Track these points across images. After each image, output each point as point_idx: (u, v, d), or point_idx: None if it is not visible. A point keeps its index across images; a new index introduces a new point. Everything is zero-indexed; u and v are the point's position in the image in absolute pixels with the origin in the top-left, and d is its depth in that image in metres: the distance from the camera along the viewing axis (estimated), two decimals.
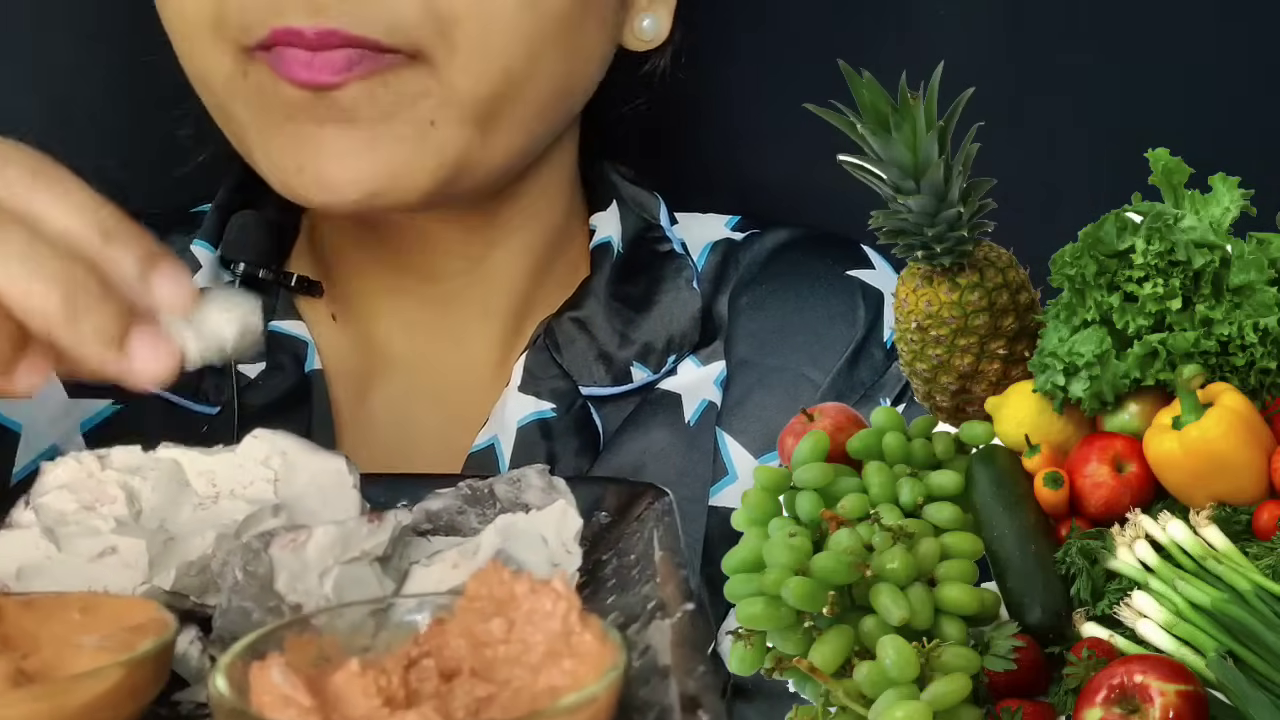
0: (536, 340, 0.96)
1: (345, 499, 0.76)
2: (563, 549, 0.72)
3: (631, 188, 1.01)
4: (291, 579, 0.68)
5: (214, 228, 1.00)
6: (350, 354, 1.00)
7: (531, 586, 0.60)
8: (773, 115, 1.10)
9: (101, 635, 0.63)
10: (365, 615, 0.62)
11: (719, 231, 1.03)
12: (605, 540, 0.77)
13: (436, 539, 0.75)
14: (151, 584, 0.71)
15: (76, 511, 0.74)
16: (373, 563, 0.70)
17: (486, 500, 0.77)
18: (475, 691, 0.58)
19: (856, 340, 0.97)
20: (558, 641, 0.59)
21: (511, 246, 0.97)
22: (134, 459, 0.77)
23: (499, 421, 0.94)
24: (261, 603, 0.67)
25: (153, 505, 0.75)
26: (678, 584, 0.67)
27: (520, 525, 0.72)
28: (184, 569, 0.71)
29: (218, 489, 0.77)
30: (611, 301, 0.96)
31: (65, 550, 0.72)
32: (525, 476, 0.77)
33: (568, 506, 0.73)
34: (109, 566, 0.71)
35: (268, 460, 0.77)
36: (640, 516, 0.77)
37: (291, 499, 0.76)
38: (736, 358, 0.97)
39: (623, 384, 0.95)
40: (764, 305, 0.99)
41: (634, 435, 0.95)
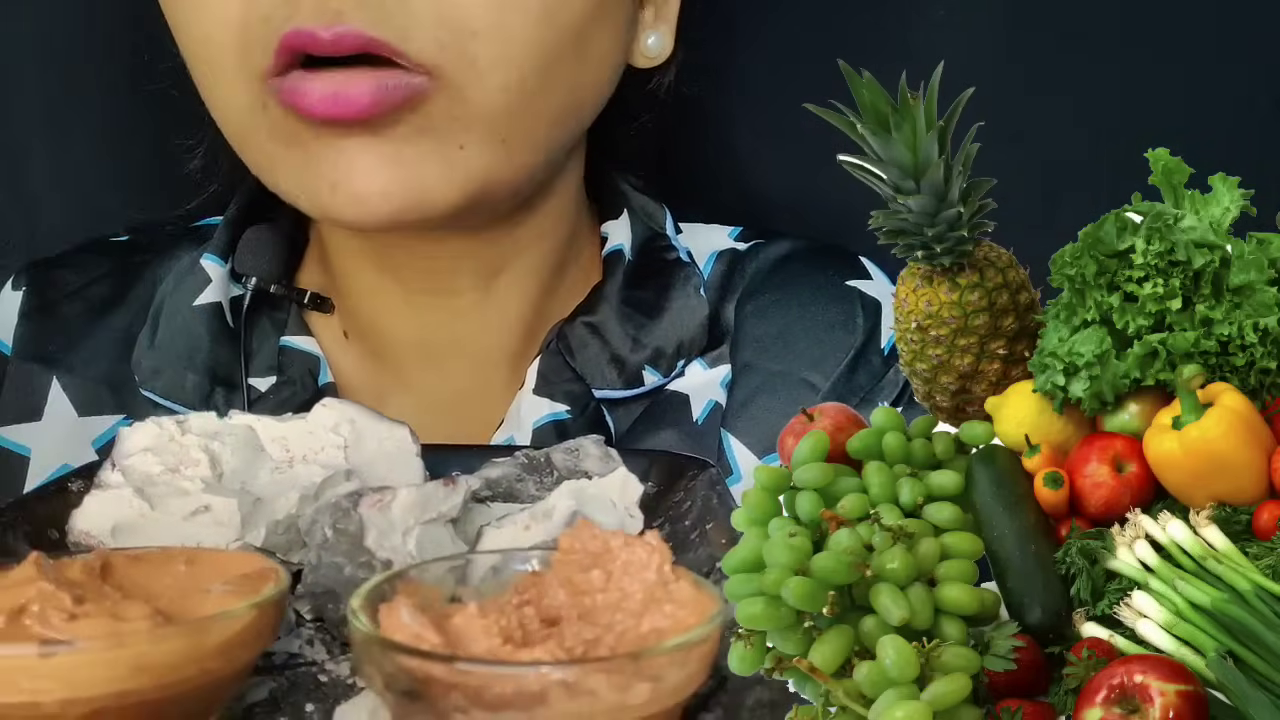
0: (549, 344, 0.97)
1: (409, 465, 0.81)
2: (626, 514, 0.77)
3: (640, 197, 1.03)
4: (380, 536, 0.72)
5: (225, 242, 1.01)
6: (362, 368, 1.00)
7: (625, 540, 0.64)
8: (771, 125, 1.11)
9: (223, 581, 0.66)
10: (449, 570, 0.66)
11: (723, 241, 1.05)
12: (656, 509, 0.80)
13: (496, 505, 0.79)
14: (244, 540, 0.75)
15: (163, 473, 0.78)
16: (447, 524, 0.74)
17: (544, 468, 0.81)
18: (583, 634, 0.61)
19: (856, 347, 1.00)
20: (656, 589, 0.62)
21: (523, 260, 0.99)
22: (211, 424, 0.81)
23: (515, 423, 0.96)
24: (353, 558, 0.71)
25: (233, 468, 0.79)
26: None
27: (589, 490, 0.77)
28: (272, 528, 0.75)
29: (291, 454, 0.81)
30: (623, 307, 0.98)
31: (158, 509, 0.76)
32: (583, 446, 0.82)
33: (628, 473, 0.78)
34: (202, 524, 0.75)
35: (337, 427, 0.82)
36: (688, 487, 0.80)
37: (361, 464, 0.80)
38: (741, 362, 0.99)
39: (635, 387, 0.97)
40: (767, 313, 1.02)
41: (645, 434, 0.98)
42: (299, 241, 1.03)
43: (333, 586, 0.71)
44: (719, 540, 0.73)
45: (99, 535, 0.75)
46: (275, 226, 1.01)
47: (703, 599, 0.62)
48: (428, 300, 0.99)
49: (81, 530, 0.76)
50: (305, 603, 0.72)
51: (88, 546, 0.74)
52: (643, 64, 0.98)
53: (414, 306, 0.99)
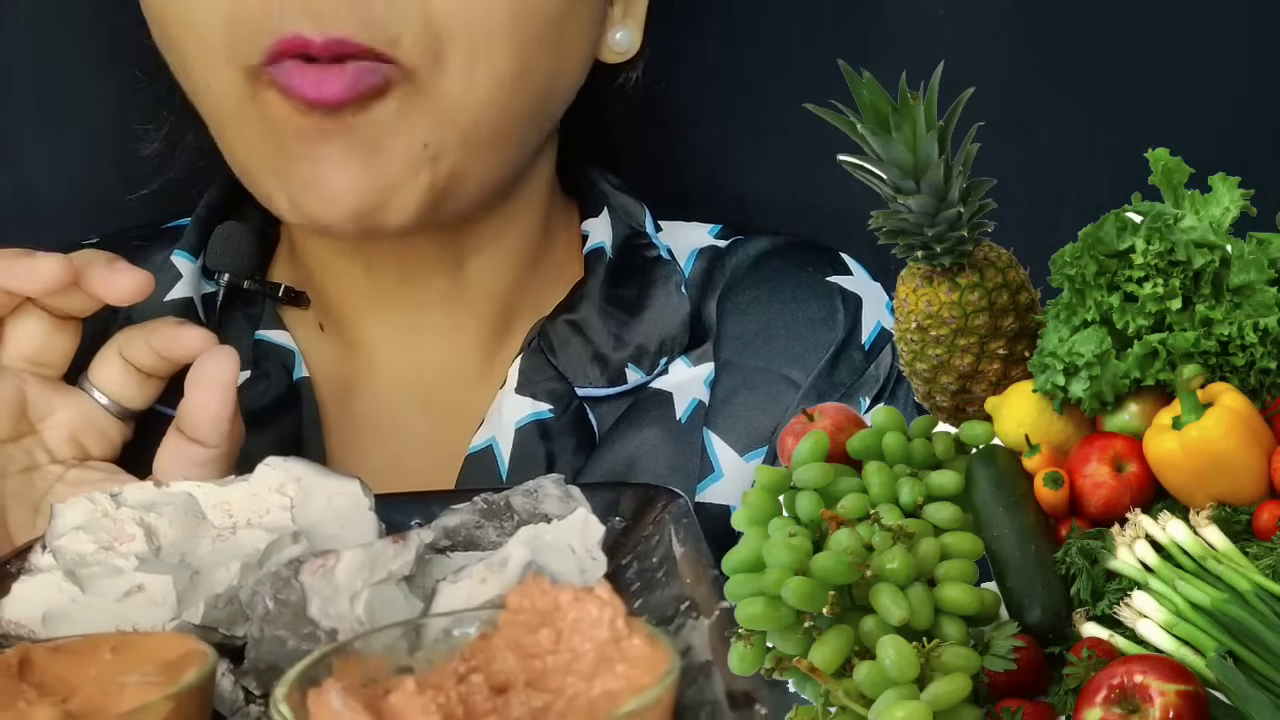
0: (530, 343, 0.97)
1: (362, 521, 0.77)
2: (588, 556, 0.73)
3: (620, 195, 1.04)
4: (324, 604, 0.68)
5: (195, 238, 1.01)
6: (336, 361, 1.00)
7: (575, 595, 0.61)
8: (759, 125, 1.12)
9: (141, 672, 0.63)
10: (402, 635, 0.63)
11: (703, 239, 1.06)
12: (624, 545, 0.77)
13: (457, 555, 0.75)
14: (181, 619, 0.71)
15: (96, 552, 0.74)
16: (400, 583, 0.70)
17: (504, 513, 0.77)
18: (531, 702, 0.59)
19: (836, 343, 1.00)
20: (608, 648, 0.59)
21: (491, 252, 0.99)
22: (148, 495, 0.77)
23: (496, 423, 0.95)
24: (296, 630, 0.67)
25: (171, 540, 0.75)
26: (709, 584, 0.68)
27: (546, 536, 0.73)
28: (211, 602, 0.71)
29: (234, 519, 0.77)
30: (605, 305, 0.98)
31: (90, 592, 0.72)
32: (541, 487, 0.77)
33: (588, 514, 0.74)
34: (136, 605, 0.72)
35: (282, 487, 0.78)
36: (656, 520, 0.77)
37: (309, 525, 0.76)
38: (722, 359, 1.00)
39: (618, 385, 0.97)
40: (748, 309, 1.02)
41: (627, 433, 0.97)
42: (270, 237, 1.03)
43: (276, 662, 0.67)
44: (686, 578, 0.71)
45: (29, 624, 0.71)
46: (246, 222, 1.01)
47: (656, 655, 0.59)
48: (394, 288, 0.99)
49: (10, 620, 0.72)
50: (251, 679, 0.68)
51: (18, 637, 0.71)
52: (611, 59, 0.99)
53: (383, 295, 0.99)
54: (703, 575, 0.69)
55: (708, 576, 0.68)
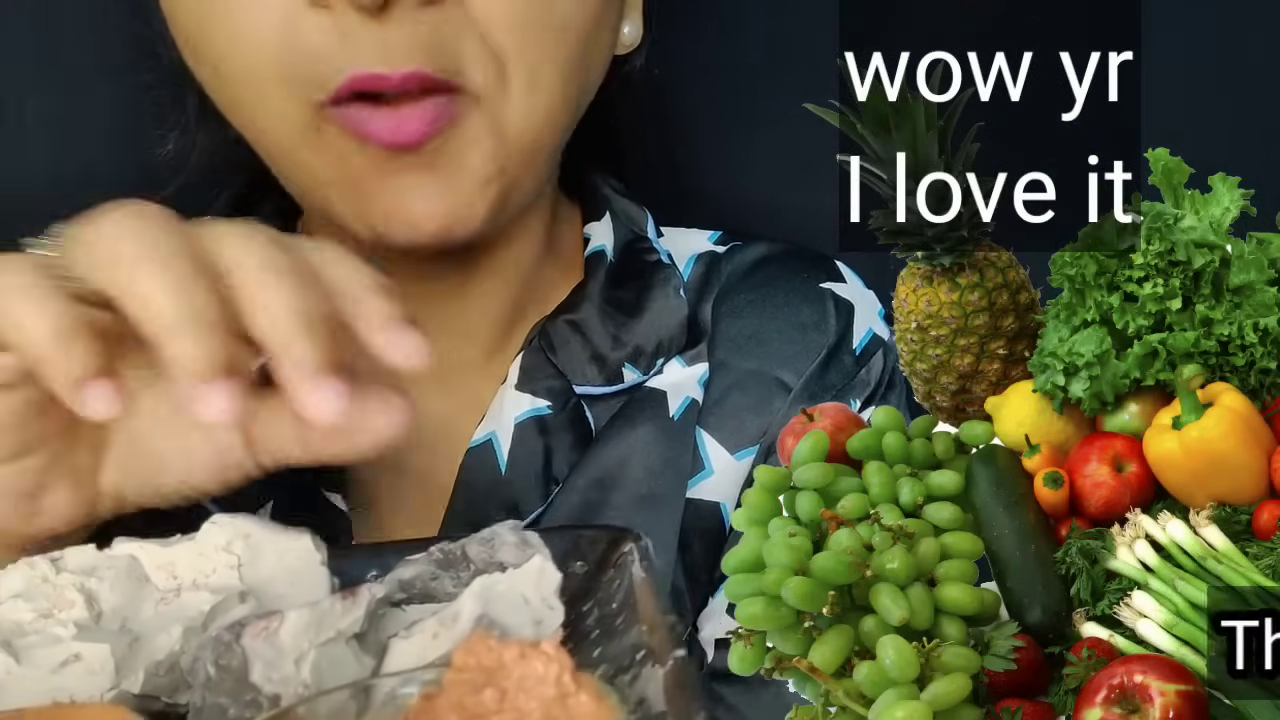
0: (532, 341, 0.98)
1: (314, 577, 0.74)
2: (544, 605, 0.71)
3: (623, 201, 1.06)
4: (267, 668, 0.65)
5: None
6: None
7: (521, 652, 0.59)
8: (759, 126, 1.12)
9: None
10: (348, 698, 0.61)
11: (703, 245, 1.07)
12: (585, 591, 0.75)
13: (412, 608, 0.73)
14: (120, 689, 0.68)
15: (34, 620, 0.71)
16: (349, 641, 0.68)
17: (460, 563, 0.75)
18: None
19: (828, 347, 1.01)
20: (553, 706, 0.58)
21: (500, 253, 1.00)
22: (88, 559, 0.74)
23: (496, 418, 0.97)
24: (238, 697, 0.65)
25: (113, 605, 0.72)
26: (666, 631, 0.66)
27: (499, 587, 0.71)
28: (152, 669, 0.69)
29: (179, 581, 0.74)
30: (605, 306, 0.99)
31: (25, 663, 0.69)
32: (498, 535, 0.75)
33: (544, 561, 0.71)
34: (73, 675, 0.69)
35: (230, 545, 0.75)
36: (618, 563, 0.75)
37: (258, 584, 0.74)
38: (716, 360, 1.01)
39: (615, 384, 0.99)
40: (742, 313, 1.03)
41: (622, 429, 0.98)
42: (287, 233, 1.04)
43: None
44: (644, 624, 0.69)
45: None
46: (261, 220, 1.01)
47: (603, 713, 0.57)
48: (408, 286, 0.99)
49: None
50: None
51: None
52: (620, 51, 1.01)
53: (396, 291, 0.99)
54: (660, 622, 0.68)
55: (665, 622, 0.68)
